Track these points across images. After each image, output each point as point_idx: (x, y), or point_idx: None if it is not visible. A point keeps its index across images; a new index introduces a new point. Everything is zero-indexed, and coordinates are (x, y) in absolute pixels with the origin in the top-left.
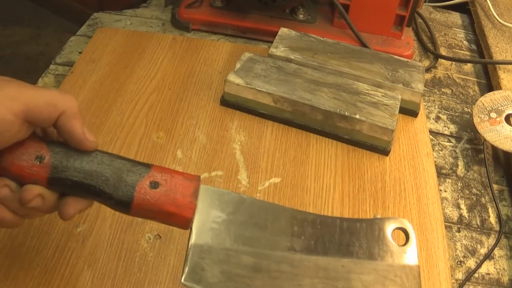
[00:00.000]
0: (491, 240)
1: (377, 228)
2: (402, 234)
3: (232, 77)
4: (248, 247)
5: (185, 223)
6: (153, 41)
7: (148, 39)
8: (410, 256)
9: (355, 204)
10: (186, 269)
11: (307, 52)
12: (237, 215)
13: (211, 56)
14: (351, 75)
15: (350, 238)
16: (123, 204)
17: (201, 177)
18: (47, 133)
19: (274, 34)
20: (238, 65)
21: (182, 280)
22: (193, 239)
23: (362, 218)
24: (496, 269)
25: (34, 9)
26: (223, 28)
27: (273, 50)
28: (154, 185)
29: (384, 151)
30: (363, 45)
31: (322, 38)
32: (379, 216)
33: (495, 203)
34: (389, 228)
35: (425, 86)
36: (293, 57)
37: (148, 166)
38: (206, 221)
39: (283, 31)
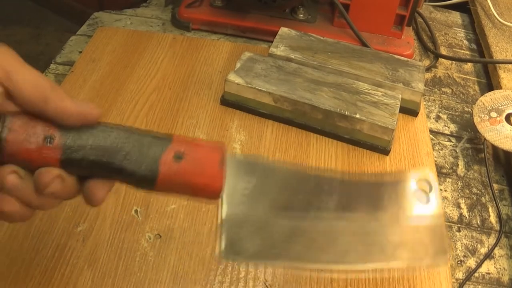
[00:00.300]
0: (492, 240)
1: (403, 182)
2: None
3: (232, 77)
4: (282, 212)
5: (215, 194)
6: (153, 41)
7: (148, 39)
8: (435, 206)
9: None
10: (223, 243)
11: (307, 52)
12: (266, 181)
13: (211, 55)
14: (351, 75)
15: (379, 192)
16: (147, 180)
17: None
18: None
19: (274, 34)
20: (238, 65)
21: (220, 257)
22: (225, 210)
23: (386, 179)
24: (497, 268)
25: (34, 9)
26: (223, 27)
27: (273, 50)
28: (179, 157)
29: (384, 151)
30: (363, 44)
31: (322, 38)
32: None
33: (495, 202)
34: (414, 181)
35: (425, 86)
36: (293, 57)
37: (169, 137)
38: (235, 190)
39: (283, 30)
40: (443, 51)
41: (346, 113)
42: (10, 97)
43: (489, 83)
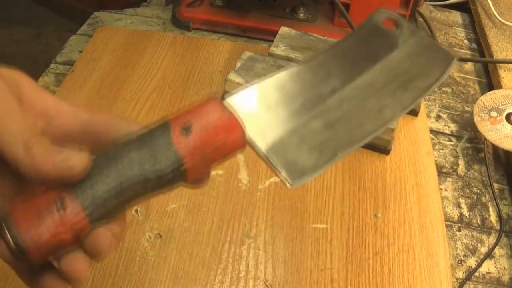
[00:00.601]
0: (492, 239)
1: (371, 28)
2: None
3: (232, 76)
4: (305, 115)
5: (242, 140)
6: (154, 40)
7: (148, 38)
8: (411, 30)
9: (355, 203)
10: (283, 174)
11: (308, 51)
12: (269, 99)
13: (212, 55)
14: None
15: (363, 48)
16: (178, 173)
17: None
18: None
19: (275, 33)
20: (238, 64)
21: (290, 184)
22: (261, 146)
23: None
24: (497, 268)
25: (34, 9)
26: (224, 27)
27: (273, 49)
28: (187, 129)
29: (384, 150)
30: None
31: (322, 37)
32: (379, 215)
33: (496, 202)
34: (379, 24)
35: None
36: (293, 56)
37: (164, 122)
38: (255, 123)
39: (284, 30)
40: None
41: None
42: None
43: (490, 82)
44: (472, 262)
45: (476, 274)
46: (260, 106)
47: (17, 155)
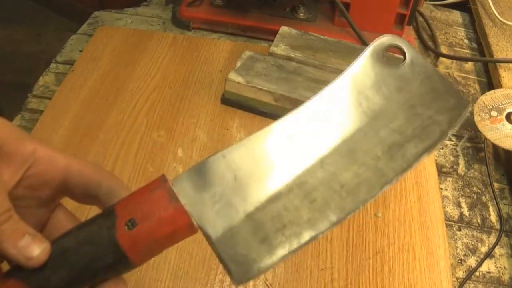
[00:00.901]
0: (492, 239)
1: (370, 63)
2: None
3: (232, 76)
4: (264, 195)
5: (190, 230)
6: (154, 40)
7: (148, 38)
8: (420, 66)
9: None
10: (231, 269)
11: (308, 51)
12: (227, 176)
13: (212, 54)
14: None
15: (351, 98)
16: (122, 264)
17: None
18: None
19: (275, 33)
20: (238, 64)
21: (236, 283)
22: (211, 236)
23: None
24: (497, 267)
25: (34, 8)
26: (224, 26)
27: (273, 49)
28: (132, 223)
29: None
30: (364, 43)
31: (322, 37)
32: (379, 215)
33: (496, 201)
34: (380, 55)
35: None
36: (293, 56)
37: (109, 211)
38: (207, 208)
39: (284, 29)
40: (444, 50)
41: None
42: None
43: (490, 82)
44: (472, 261)
45: (476, 273)
46: (215, 186)
47: None
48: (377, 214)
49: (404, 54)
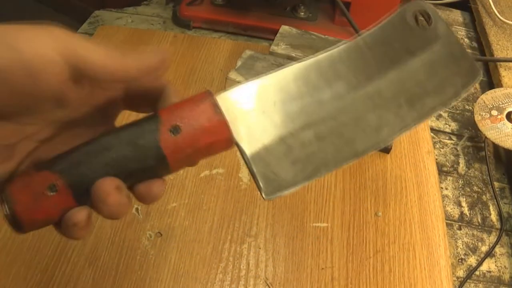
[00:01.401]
0: (492, 238)
1: (398, 24)
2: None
3: (233, 75)
4: (299, 122)
5: (228, 144)
6: (154, 39)
7: (149, 37)
8: (443, 31)
9: (356, 202)
10: (261, 184)
11: (308, 50)
12: (267, 99)
13: (212, 53)
14: None
15: (381, 49)
16: (161, 169)
17: (202, 175)
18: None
19: (275, 32)
20: (239, 63)
21: (264, 197)
22: (246, 151)
23: (379, 22)
24: (497, 266)
25: (35, 7)
26: (224, 25)
27: (274, 48)
28: (175, 129)
29: (385, 149)
30: None
31: (323, 36)
32: (380, 214)
33: (496, 200)
34: (409, 17)
35: None
36: (294, 55)
37: (155, 116)
38: (244, 126)
39: (284, 28)
40: None
41: None
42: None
43: (490, 81)
44: (472, 260)
45: (477, 272)
46: (255, 107)
47: (107, 63)
48: (378, 213)
49: (430, 19)
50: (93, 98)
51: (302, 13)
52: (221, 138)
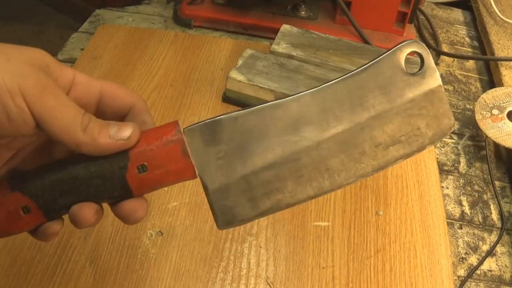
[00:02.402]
0: (493, 237)
1: (387, 65)
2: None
3: (234, 74)
4: (261, 162)
5: (192, 178)
6: (155, 38)
7: (150, 36)
8: (430, 79)
9: (357, 201)
10: (217, 216)
11: (309, 49)
12: (234, 138)
13: (213, 52)
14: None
15: (360, 93)
16: (126, 196)
17: None
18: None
19: (276, 31)
20: (240, 62)
21: (219, 227)
22: (208, 187)
23: (364, 64)
24: (498, 266)
25: (36, 6)
26: (225, 25)
27: (275, 47)
28: (143, 168)
29: None
30: (365, 41)
31: (324, 35)
32: (381, 213)
33: (497, 200)
34: (401, 58)
35: None
36: (295, 54)
37: (124, 153)
38: (209, 162)
39: (285, 27)
40: (445, 48)
41: None
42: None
43: (491, 80)
44: (473, 260)
45: (478, 272)
46: (221, 143)
47: (78, 139)
48: (378, 212)
49: (422, 64)
50: None
51: (303, 12)
52: (186, 177)
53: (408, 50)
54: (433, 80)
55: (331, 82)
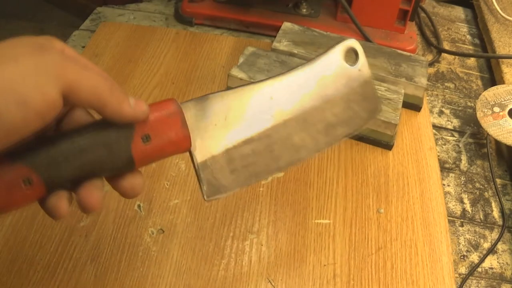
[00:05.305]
0: (494, 235)
1: (332, 60)
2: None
3: (235, 72)
4: (242, 137)
5: (185, 151)
6: (156, 36)
7: (151, 34)
8: (363, 72)
9: (358, 198)
10: (204, 188)
11: (310, 47)
12: (220, 113)
13: (214, 50)
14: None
15: (316, 81)
16: (127, 168)
17: None
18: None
19: (277, 29)
20: (241, 60)
21: (205, 198)
22: (197, 159)
23: (318, 55)
24: (499, 263)
25: (37, 3)
26: (226, 22)
27: (276, 45)
28: (147, 138)
29: (387, 146)
30: (366, 39)
31: (325, 33)
32: (382, 211)
33: (498, 197)
34: (341, 54)
35: (428, 81)
36: (296, 52)
37: (130, 126)
38: (200, 135)
39: (286, 25)
40: (446, 46)
41: None
42: (66, 101)
43: (492, 78)
44: (474, 257)
45: (479, 269)
46: (209, 119)
47: (106, 100)
48: (380, 210)
49: (357, 58)
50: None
51: (304, 10)
52: (183, 148)
53: (346, 46)
54: (366, 71)
55: (293, 70)
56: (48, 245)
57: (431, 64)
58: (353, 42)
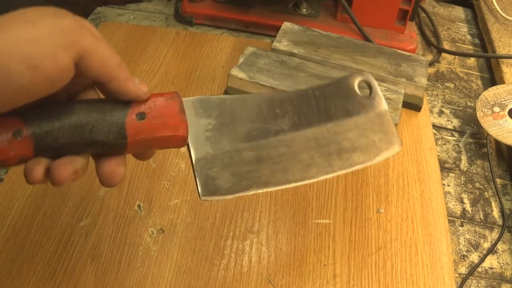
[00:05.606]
0: (494, 235)
1: (344, 86)
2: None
3: (235, 72)
4: (245, 143)
5: (182, 142)
6: (156, 36)
7: (151, 34)
8: (378, 103)
9: (358, 198)
10: (199, 186)
11: (310, 47)
12: (224, 116)
13: (214, 50)
14: (354, 70)
15: (325, 103)
16: (118, 146)
17: None
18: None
19: (277, 29)
20: (241, 60)
21: (201, 197)
22: (194, 155)
23: (329, 82)
24: (500, 263)
25: (37, 3)
26: (226, 22)
27: (276, 45)
28: (141, 116)
29: None
30: (366, 39)
31: (325, 32)
32: (382, 211)
33: (498, 197)
34: (355, 83)
35: (428, 80)
36: (296, 52)
37: (128, 102)
38: (199, 132)
39: (286, 25)
40: (446, 46)
41: None
42: (77, 70)
43: (492, 78)
44: (474, 257)
45: (479, 269)
46: (211, 119)
47: (114, 72)
48: (380, 210)
49: (371, 90)
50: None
51: (304, 10)
52: (178, 135)
53: (359, 79)
54: (381, 105)
55: (301, 89)
56: (48, 245)
57: (431, 64)
58: (365, 75)
